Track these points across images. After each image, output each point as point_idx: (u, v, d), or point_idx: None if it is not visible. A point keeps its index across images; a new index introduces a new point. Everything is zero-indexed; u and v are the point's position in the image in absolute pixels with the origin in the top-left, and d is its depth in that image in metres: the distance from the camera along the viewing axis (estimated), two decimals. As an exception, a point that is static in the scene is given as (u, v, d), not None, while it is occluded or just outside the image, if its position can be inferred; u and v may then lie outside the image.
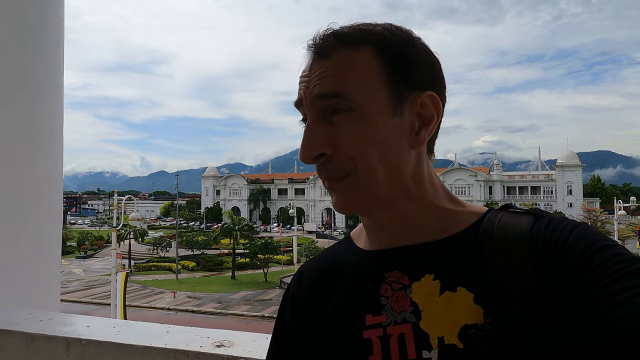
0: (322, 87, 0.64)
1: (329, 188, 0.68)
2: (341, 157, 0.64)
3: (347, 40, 0.66)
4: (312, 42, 0.67)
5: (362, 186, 0.65)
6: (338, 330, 0.68)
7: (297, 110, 0.69)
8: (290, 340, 0.76)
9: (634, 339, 0.46)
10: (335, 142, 0.64)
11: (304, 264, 0.84)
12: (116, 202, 21.36)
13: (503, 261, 0.60)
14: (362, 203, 0.67)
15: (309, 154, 0.65)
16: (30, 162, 2.40)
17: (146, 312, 26.59)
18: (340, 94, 0.64)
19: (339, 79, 0.64)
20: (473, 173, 74.91)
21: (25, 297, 2.29)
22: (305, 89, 0.66)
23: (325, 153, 0.65)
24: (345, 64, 0.65)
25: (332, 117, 0.65)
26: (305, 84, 0.67)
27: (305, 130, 0.66)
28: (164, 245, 48.39)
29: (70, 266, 42.69)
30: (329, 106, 0.65)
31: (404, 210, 0.69)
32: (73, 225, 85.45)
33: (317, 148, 0.64)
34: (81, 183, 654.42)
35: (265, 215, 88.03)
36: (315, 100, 0.65)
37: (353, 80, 0.64)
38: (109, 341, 1.34)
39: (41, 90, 2.45)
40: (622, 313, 0.48)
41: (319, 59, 0.66)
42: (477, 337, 0.57)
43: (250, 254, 38.56)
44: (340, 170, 0.65)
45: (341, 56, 0.65)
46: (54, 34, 2.55)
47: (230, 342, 1.31)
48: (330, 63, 0.65)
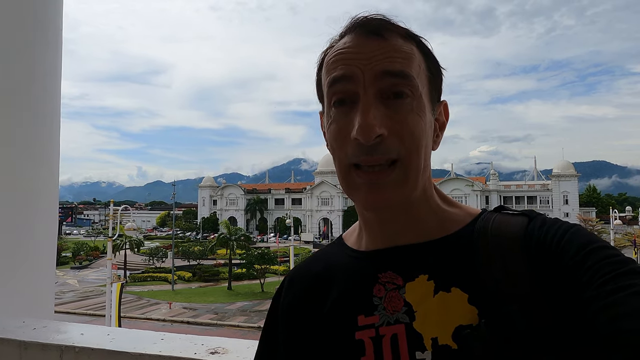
0: (389, 64, 0.62)
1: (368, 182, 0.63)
2: (395, 141, 0.62)
3: (399, 29, 0.65)
4: (361, 21, 0.65)
5: (407, 177, 0.63)
6: (331, 332, 0.68)
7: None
8: (282, 343, 0.75)
9: (628, 339, 0.46)
10: (391, 125, 0.62)
11: (293, 270, 0.83)
12: (112, 212, 21.25)
13: (497, 261, 0.60)
14: (400, 197, 0.64)
15: (373, 132, 0.61)
16: (27, 171, 2.40)
17: (141, 323, 26.28)
18: (408, 75, 0.63)
19: (405, 62, 0.63)
20: (470, 183, 75.09)
21: (19, 307, 2.27)
22: (363, 64, 0.63)
23: (382, 134, 0.62)
24: (406, 51, 0.64)
25: (392, 99, 0.63)
26: (359, 59, 0.63)
27: (365, 107, 0.62)
28: (160, 255, 48.03)
29: (65, 277, 42.27)
30: (391, 86, 0.63)
31: (415, 208, 0.68)
32: (68, 235, 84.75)
33: (379, 127, 0.61)
34: (77, 193, 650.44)
35: (262, 225, 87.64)
36: (381, 77, 0.62)
37: (414, 68, 0.64)
38: (103, 348, 1.34)
39: (38, 99, 2.47)
40: (617, 313, 0.48)
41: (376, 39, 0.64)
42: (472, 338, 0.56)
43: (246, 265, 38.29)
44: (390, 154, 0.62)
45: (400, 42, 0.64)
46: (52, 43, 2.57)
47: (225, 349, 1.31)
48: (392, 45, 0.63)
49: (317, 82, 0.73)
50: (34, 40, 2.45)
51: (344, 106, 0.65)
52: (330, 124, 0.67)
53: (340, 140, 0.65)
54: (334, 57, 0.66)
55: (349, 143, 0.63)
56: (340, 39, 0.69)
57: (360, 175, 0.64)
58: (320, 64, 0.72)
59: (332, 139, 0.67)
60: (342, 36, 0.68)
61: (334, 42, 0.69)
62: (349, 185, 0.66)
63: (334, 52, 0.67)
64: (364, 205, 0.66)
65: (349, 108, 0.64)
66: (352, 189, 0.65)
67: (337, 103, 0.66)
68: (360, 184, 0.64)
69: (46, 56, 2.53)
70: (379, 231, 0.71)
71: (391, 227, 0.70)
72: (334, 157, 0.68)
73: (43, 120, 2.50)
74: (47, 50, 2.54)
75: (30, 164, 2.42)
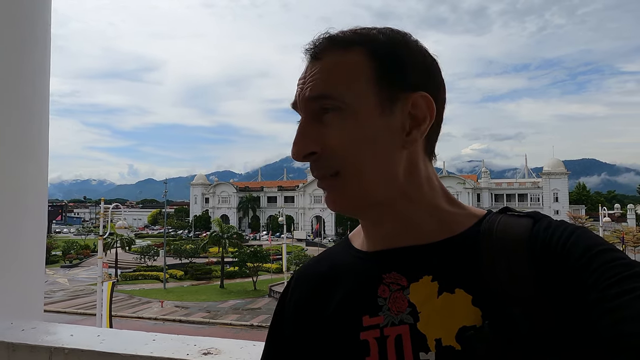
0: (312, 90, 0.66)
1: (321, 187, 0.70)
2: (329, 155, 0.66)
3: (339, 42, 0.68)
4: (309, 46, 0.69)
5: (349, 185, 0.66)
6: (336, 332, 0.68)
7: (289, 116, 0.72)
8: (289, 342, 0.75)
9: (631, 342, 0.46)
10: (324, 141, 0.65)
11: (301, 269, 0.84)
12: (103, 210, 21.07)
13: (502, 263, 0.60)
14: (350, 202, 0.68)
15: (299, 151, 0.66)
16: (15, 169, 2.36)
17: (133, 322, 26.13)
18: (328, 95, 0.65)
19: (328, 80, 0.66)
20: (461, 181, 75.62)
21: (7, 308, 2.23)
22: (300, 92, 0.69)
23: (315, 152, 0.66)
24: (335, 64, 0.67)
25: (323, 116, 0.66)
26: (300, 86, 0.69)
27: (298, 129, 0.68)
28: (152, 254, 47.77)
29: (55, 276, 41.88)
30: (316, 107, 0.67)
31: (401, 210, 0.69)
32: (58, 234, 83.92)
33: (307, 146, 0.66)
34: (67, 191, 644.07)
35: (254, 223, 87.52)
36: (307, 102, 0.67)
37: (341, 80, 0.66)
38: (93, 350, 1.32)
39: (26, 96, 2.42)
40: (621, 316, 0.48)
41: (313, 62, 0.68)
42: (475, 339, 0.57)
43: (239, 263, 38.22)
44: (329, 168, 0.66)
45: (332, 57, 0.67)
46: (40, 39, 2.53)
47: (217, 349, 1.30)
48: (322, 65, 0.67)
49: None
50: (22, 36, 2.40)
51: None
52: None
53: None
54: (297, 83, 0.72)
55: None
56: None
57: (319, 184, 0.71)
58: None
59: None
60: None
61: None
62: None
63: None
64: (329, 208, 0.71)
65: None
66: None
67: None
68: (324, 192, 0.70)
69: (34, 52, 2.49)
70: (375, 233, 0.72)
71: (384, 229, 0.70)
72: None
73: (31, 117, 2.46)
74: (36, 47, 2.50)
75: (18, 162, 2.37)
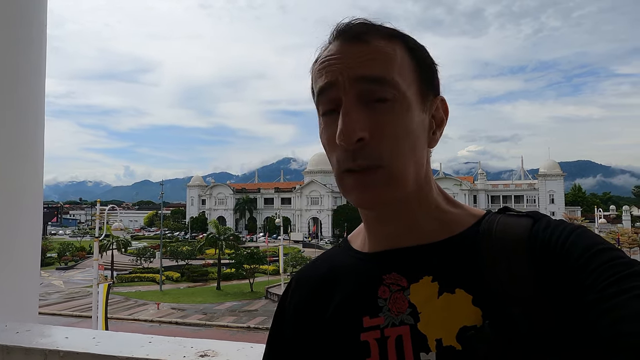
0: (367, 69, 0.63)
1: (355, 179, 0.64)
2: (377, 144, 0.62)
3: (382, 30, 0.66)
4: (343, 27, 0.66)
5: (393, 178, 0.63)
6: (336, 334, 0.68)
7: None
8: (289, 344, 0.75)
9: (630, 342, 0.46)
10: (373, 128, 0.62)
11: (300, 271, 0.83)
12: (99, 212, 20.97)
13: (502, 263, 0.60)
14: (389, 196, 0.65)
15: (352, 135, 0.61)
16: (10, 170, 2.34)
17: (129, 324, 25.99)
18: (383, 79, 0.63)
19: (384, 64, 0.63)
20: (458, 182, 75.78)
21: (1, 310, 2.22)
22: (343, 70, 0.63)
23: (363, 138, 0.62)
24: (387, 52, 0.64)
25: (373, 103, 0.63)
26: (340, 65, 0.64)
27: (345, 111, 0.62)
28: (148, 255, 47.50)
29: (50, 278, 41.62)
30: (369, 90, 0.63)
31: (410, 209, 0.68)
32: (54, 235, 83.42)
33: (360, 131, 0.61)
34: (63, 192, 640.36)
35: (251, 224, 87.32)
36: (357, 81, 0.63)
37: (394, 68, 0.64)
38: (88, 352, 1.31)
39: (21, 97, 2.41)
40: (619, 316, 0.48)
41: (356, 43, 0.64)
42: (476, 339, 0.57)
43: (236, 264, 38.12)
44: (376, 158, 0.62)
45: (381, 44, 0.64)
46: (35, 40, 2.51)
47: (214, 351, 1.29)
48: (372, 48, 0.64)
49: (312, 92, 0.73)
50: (17, 37, 2.39)
51: (332, 114, 0.66)
52: (322, 132, 0.68)
53: (330, 147, 0.66)
54: (319, 67, 0.67)
55: (337, 149, 0.64)
56: (324, 47, 0.69)
57: (350, 176, 0.64)
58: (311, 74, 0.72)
59: (324, 147, 0.69)
60: (327, 45, 0.69)
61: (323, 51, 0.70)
62: (343, 187, 0.67)
63: (318, 61, 0.68)
64: (356, 204, 0.66)
65: (336, 116, 0.64)
66: (347, 192, 0.66)
67: (326, 112, 0.67)
68: (352, 186, 0.65)
69: (30, 53, 2.47)
70: (379, 232, 0.71)
71: (391, 227, 0.70)
72: (330, 163, 0.69)
73: (26, 118, 2.44)
74: (31, 48, 2.48)
75: (13, 163, 2.35)
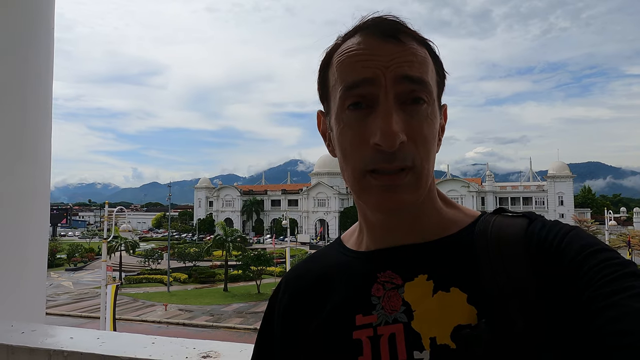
0: (410, 70, 0.61)
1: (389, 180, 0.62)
2: (413, 147, 0.62)
3: (414, 34, 0.65)
4: (375, 22, 0.64)
5: (420, 180, 0.63)
6: (328, 332, 0.67)
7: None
8: (279, 345, 0.74)
9: (624, 341, 0.47)
10: (410, 130, 0.61)
11: (292, 270, 0.82)
12: (107, 214, 21.16)
13: (497, 262, 0.60)
14: (416, 198, 0.64)
15: (396, 138, 0.59)
16: (17, 172, 2.37)
17: (136, 325, 26.13)
18: (425, 81, 0.62)
19: (421, 66, 0.63)
20: (465, 184, 75.33)
21: (9, 310, 2.24)
22: (383, 67, 0.61)
23: (403, 141, 0.60)
24: (422, 55, 0.64)
25: (409, 104, 0.62)
26: (379, 61, 0.62)
27: (387, 112, 0.60)
28: (156, 257, 47.83)
29: (59, 279, 41.99)
30: (409, 92, 0.62)
31: (416, 209, 0.68)
32: (63, 237, 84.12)
33: (402, 133, 0.60)
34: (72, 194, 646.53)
35: (258, 226, 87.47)
36: (400, 81, 0.61)
37: (430, 73, 0.64)
38: (93, 353, 1.31)
39: (28, 100, 2.44)
40: (615, 315, 0.48)
41: (392, 42, 0.63)
42: (471, 338, 0.56)
43: (243, 266, 38.15)
44: (409, 161, 0.61)
45: (415, 46, 0.64)
46: (43, 44, 2.54)
47: (217, 352, 1.29)
48: (409, 49, 0.63)
49: (321, 82, 0.70)
50: (24, 41, 2.42)
51: (359, 110, 0.63)
52: (343, 128, 0.65)
53: (356, 145, 0.63)
54: (348, 58, 0.64)
55: (367, 148, 0.62)
56: (347, 38, 0.66)
57: (376, 178, 0.62)
58: (325, 62, 0.69)
59: (346, 144, 0.65)
60: (350, 35, 0.66)
61: (340, 41, 0.67)
62: (363, 188, 0.64)
63: (346, 52, 0.64)
64: (377, 208, 0.65)
65: (365, 112, 0.62)
66: (366, 192, 0.64)
67: (352, 106, 0.63)
68: (376, 187, 0.62)
69: (37, 57, 2.50)
70: (381, 232, 0.70)
71: (396, 229, 0.69)
72: (346, 161, 0.65)
73: (34, 121, 2.47)
74: (39, 51, 2.51)
75: (20, 166, 2.38)
